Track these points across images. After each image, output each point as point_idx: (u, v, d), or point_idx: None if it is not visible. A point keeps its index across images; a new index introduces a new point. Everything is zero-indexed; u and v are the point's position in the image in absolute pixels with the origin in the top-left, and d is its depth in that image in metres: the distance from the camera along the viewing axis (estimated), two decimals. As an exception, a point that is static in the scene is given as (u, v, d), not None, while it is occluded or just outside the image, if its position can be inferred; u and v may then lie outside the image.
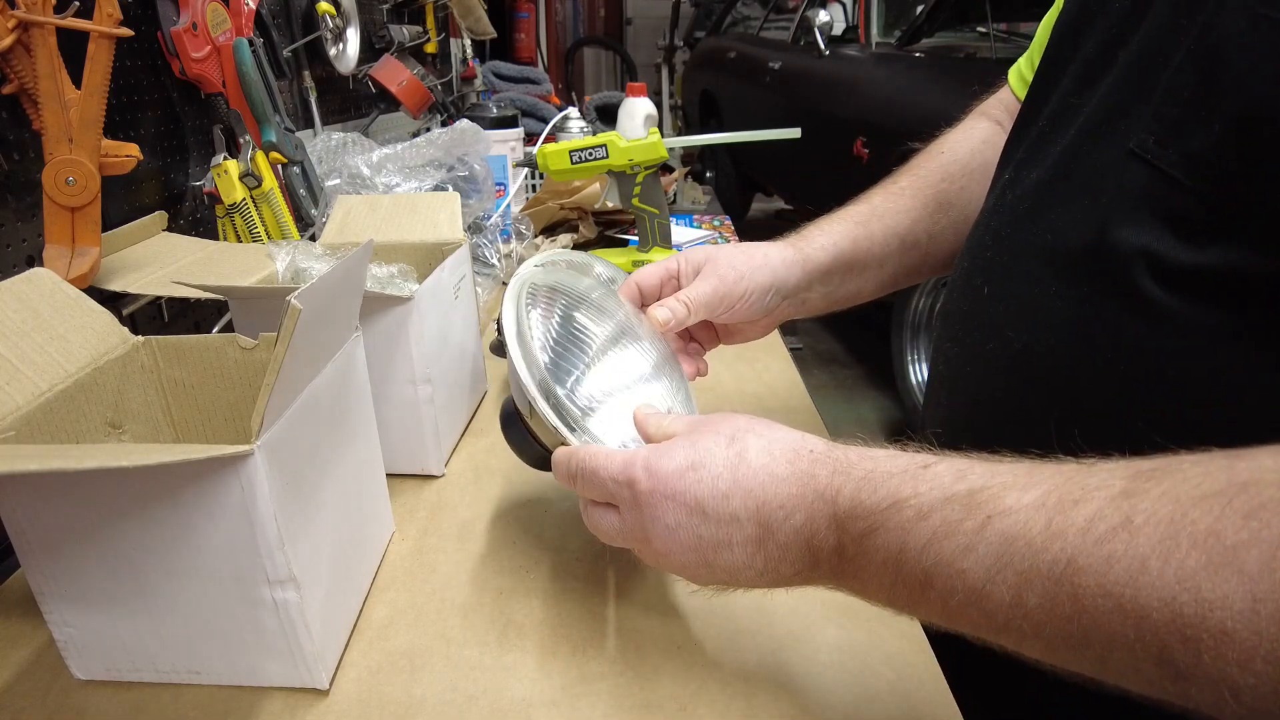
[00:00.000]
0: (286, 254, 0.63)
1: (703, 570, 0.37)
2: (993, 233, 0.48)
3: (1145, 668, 0.26)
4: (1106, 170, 0.39)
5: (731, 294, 0.54)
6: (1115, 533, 0.26)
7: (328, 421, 0.43)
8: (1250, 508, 0.25)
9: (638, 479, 0.37)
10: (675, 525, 0.37)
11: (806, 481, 0.35)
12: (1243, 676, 0.24)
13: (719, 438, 0.38)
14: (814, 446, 0.36)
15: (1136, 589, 0.25)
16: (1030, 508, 0.29)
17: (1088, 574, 0.26)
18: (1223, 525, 0.25)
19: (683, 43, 5.42)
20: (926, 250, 0.59)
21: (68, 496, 0.36)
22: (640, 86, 1.04)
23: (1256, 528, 0.24)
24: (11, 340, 0.40)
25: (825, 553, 0.34)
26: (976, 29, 2.34)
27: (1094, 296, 0.39)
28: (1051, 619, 0.27)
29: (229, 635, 0.40)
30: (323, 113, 1.19)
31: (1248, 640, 0.23)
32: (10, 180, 0.63)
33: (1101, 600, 0.26)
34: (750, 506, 0.35)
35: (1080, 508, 0.27)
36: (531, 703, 0.41)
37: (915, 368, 2.15)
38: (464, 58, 1.86)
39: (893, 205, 0.59)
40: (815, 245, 0.57)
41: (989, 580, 0.29)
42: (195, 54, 0.81)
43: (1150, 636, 0.25)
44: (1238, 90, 0.33)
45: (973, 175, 0.59)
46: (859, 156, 2.23)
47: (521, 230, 1.06)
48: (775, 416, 0.69)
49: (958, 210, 0.59)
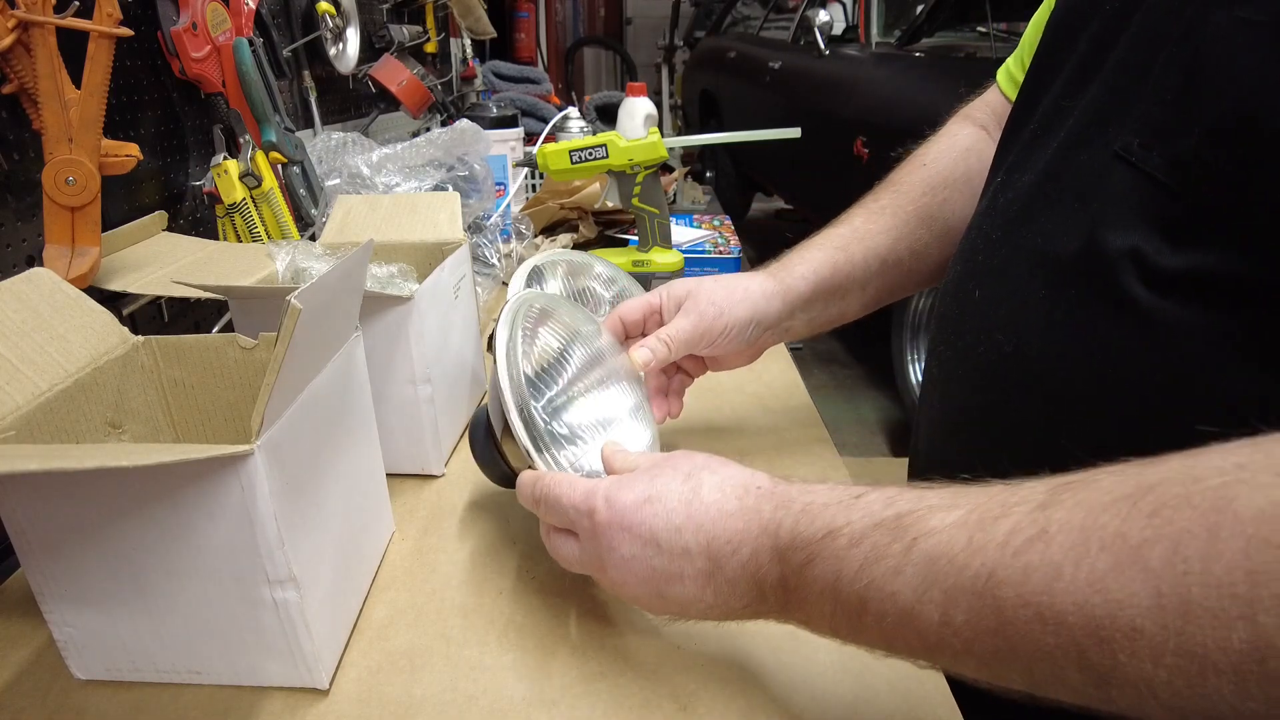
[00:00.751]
0: (286, 254, 0.63)
1: (656, 601, 0.38)
2: (984, 236, 0.48)
3: (1070, 675, 0.26)
4: (1094, 173, 0.39)
5: (712, 330, 0.55)
6: (1032, 544, 0.27)
7: (328, 421, 0.43)
8: (1154, 506, 0.25)
9: (597, 509, 0.39)
10: (630, 556, 0.38)
11: (752, 517, 0.36)
12: (1156, 672, 0.24)
13: (676, 474, 0.39)
14: (760, 483, 0.38)
15: (1052, 595, 0.26)
16: (953, 526, 0.29)
17: (1007, 586, 0.27)
18: (1129, 526, 0.25)
19: (683, 43, 5.42)
20: (910, 267, 0.60)
21: (68, 496, 0.36)
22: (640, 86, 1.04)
23: (1159, 524, 0.25)
24: (11, 340, 0.40)
25: (770, 585, 0.35)
26: (976, 29, 2.34)
27: (1083, 300, 0.39)
28: (978, 634, 0.28)
29: (229, 635, 0.40)
30: (323, 113, 1.19)
31: (1156, 635, 0.24)
32: (10, 180, 0.63)
33: (1022, 610, 0.27)
34: (701, 541, 0.36)
35: (1000, 523, 0.28)
36: (531, 703, 0.41)
37: (915, 368, 2.15)
38: (464, 57, 1.86)
39: (873, 225, 0.59)
40: (795, 275, 0.57)
41: (918, 600, 0.29)
42: (195, 54, 0.81)
43: (1069, 642, 0.26)
44: (1218, 93, 0.34)
45: (955, 186, 0.59)
46: (859, 156, 2.23)
47: (521, 230, 1.06)
48: (775, 417, 0.70)
49: (940, 223, 0.59)
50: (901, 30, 2.39)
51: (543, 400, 0.50)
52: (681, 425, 0.69)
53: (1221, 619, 0.23)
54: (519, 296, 0.53)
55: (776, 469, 0.61)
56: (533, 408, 0.46)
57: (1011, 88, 0.61)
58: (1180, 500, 0.25)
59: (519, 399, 0.46)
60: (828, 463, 0.63)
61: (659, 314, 0.57)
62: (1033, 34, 0.58)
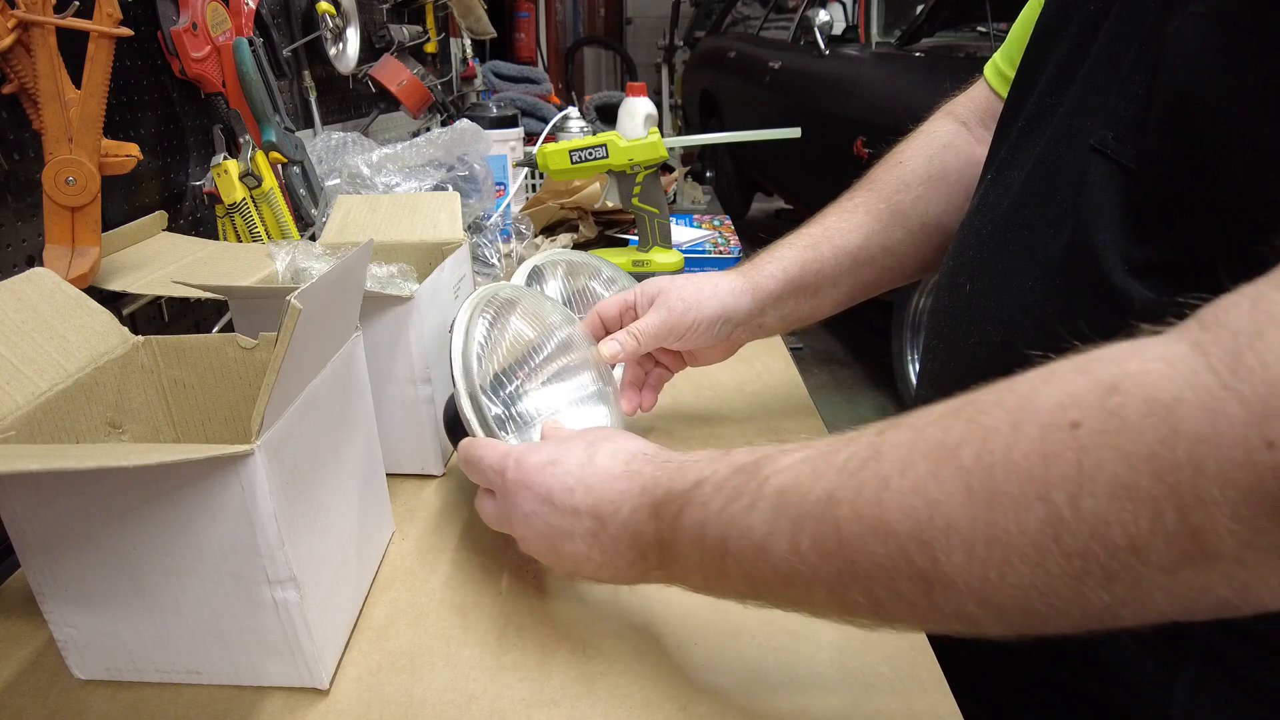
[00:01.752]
0: (286, 254, 0.63)
1: (553, 557, 0.41)
2: (975, 232, 0.49)
3: (903, 586, 0.28)
4: (1075, 168, 0.40)
5: (680, 324, 0.57)
6: (865, 464, 0.29)
7: (328, 421, 0.43)
8: (971, 413, 0.27)
9: (508, 469, 0.42)
10: (529, 513, 0.41)
11: (634, 478, 0.38)
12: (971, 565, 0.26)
13: (581, 442, 0.42)
14: (648, 450, 0.40)
15: (881, 506, 0.28)
16: (801, 461, 0.31)
17: (844, 504, 0.29)
18: (948, 434, 0.27)
19: (683, 43, 5.42)
20: (883, 264, 0.61)
21: (68, 496, 0.36)
22: (640, 86, 1.04)
23: (973, 428, 0.27)
24: (11, 340, 0.40)
25: (648, 542, 0.37)
26: (976, 29, 2.34)
27: (1071, 291, 0.40)
28: (822, 556, 0.30)
29: (229, 635, 0.40)
30: (323, 112, 1.19)
31: (967, 529, 0.26)
32: (10, 180, 0.63)
33: (856, 525, 0.28)
34: (589, 501, 0.39)
35: (841, 451, 0.30)
36: (531, 703, 0.41)
37: (915, 367, 2.15)
38: (464, 57, 1.86)
39: (844, 224, 0.60)
40: (765, 273, 0.59)
41: (770, 533, 0.31)
42: (195, 54, 0.81)
43: (897, 551, 0.27)
44: (1170, 80, 0.35)
45: (930, 183, 0.60)
46: (859, 156, 2.23)
47: (521, 230, 1.06)
48: (775, 417, 0.70)
49: (914, 220, 0.60)
50: (901, 30, 2.39)
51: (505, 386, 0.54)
52: (681, 425, 0.69)
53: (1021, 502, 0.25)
54: (485, 288, 0.55)
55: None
56: (481, 395, 0.49)
57: (1000, 83, 0.61)
58: (992, 404, 0.27)
59: (469, 386, 0.49)
60: (828, 463, 0.63)
61: (633, 310, 0.60)
62: (1020, 32, 0.59)
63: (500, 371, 0.54)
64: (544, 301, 0.60)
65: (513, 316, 0.56)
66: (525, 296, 0.58)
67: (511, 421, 0.53)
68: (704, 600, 0.48)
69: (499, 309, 0.55)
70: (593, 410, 0.59)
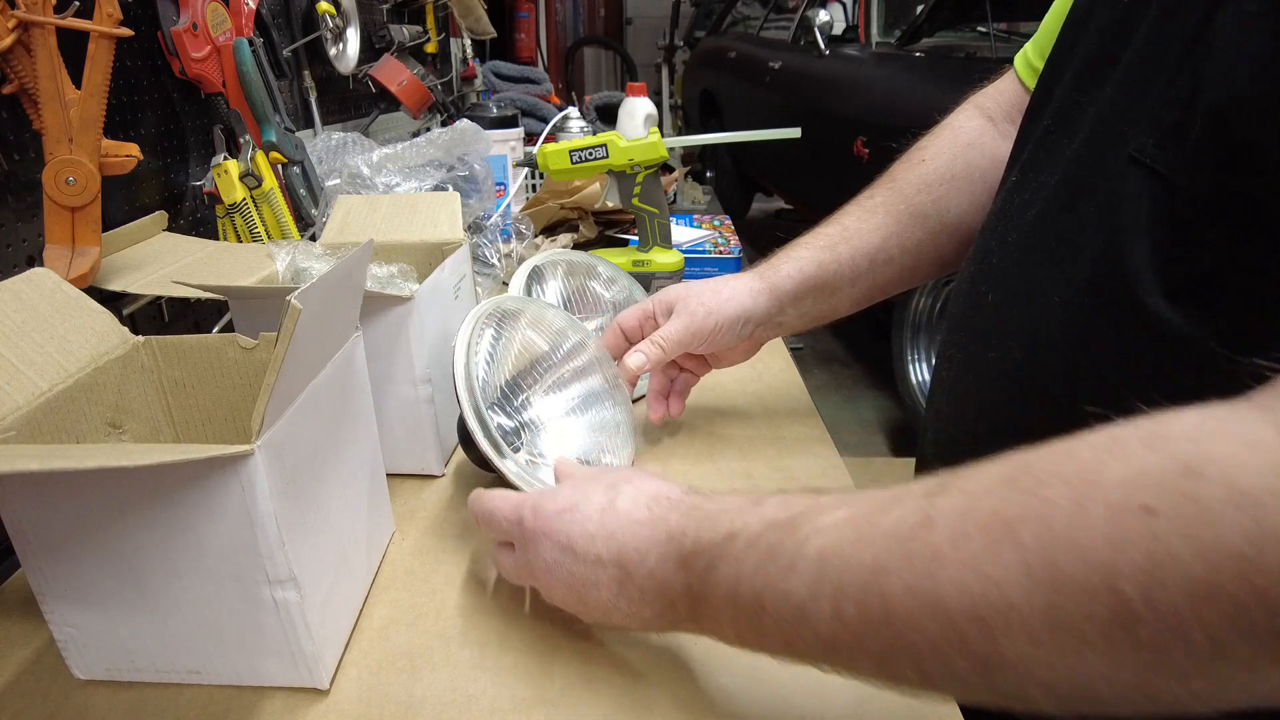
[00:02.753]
0: (286, 254, 0.63)
1: (580, 607, 0.40)
2: (998, 238, 0.47)
3: (957, 664, 0.26)
4: (1110, 176, 0.38)
5: (702, 329, 0.58)
6: (915, 532, 0.27)
7: (328, 421, 0.43)
8: (1029, 484, 0.25)
9: (525, 517, 0.41)
10: (552, 562, 0.39)
11: (659, 524, 0.37)
12: (1034, 651, 0.24)
13: (599, 484, 0.40)
14: (671, 493, 0.39)
15: (935, 581, 0.26)
16: (843, 523, 0.29)
17: (893, 574, 0.27)
18: (1005, 505, 0.25)
19: (683, 43, 5.42)
20: (902, 264, 0.60)
21: (68, 496, 0.36)
22: (640, 86, 1.04)
23: (1032, 502, 0.25)
24: (11, 340, 0.40)
25: (677, 593, 0.35)
26: (976, 29, 2.34)
27: (1100, 310, 0.38)
28: (868, 626, 0.28)
29: (229, 635, 0.40)
30: (323, 113, 1.19)
31: (1029, 612, 0.24)
32: (10, 180, 0.63)
33: (907, 599, 0.26)
34: (612, 550, 0.37)
35: (888, 514, 0.28)
36: (532, 703, 0.41)
37: (915, 368, 2.15)
38: (464, 57, 1.86)
39: (863, 224, 0.60)
40: (781, 274, 0.59)
41: (812, 597, 0.29)
42: (195, 54, 0.81)
43: (951, 629, 0.26)
44: (1216, 83, 0.33)
45: (953, 182, 0.59)
46: (859, 156, 2.23)
47: (521, 230, 1.06)
48: (775, 417, 0.70)
49: (934, 220, 0.59)
50: (901, 30, 2.39)
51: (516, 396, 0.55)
52: (682, 425, 0.69)
53: (1087, 589, 0.23)
54: (489, 300, 0.57)
55: (776, 469, 0.61)
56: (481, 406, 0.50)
57: (1030, 75, 0.59)
58: (1053, 475, 0.25)
59: (472, 400, 0.50)
60: (828, 462, 0.63)
61: (653, 319, 0.61)
62: (1052, 22, 0.57)
63: (510, 380, 0.55)
64: (546, 308, 0.61)
65: (519, 325, 0.57)
66: (528, 306, 0.59)
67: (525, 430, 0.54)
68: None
69: (501, 320, 0.56)
70: (603, 412, 0.59)
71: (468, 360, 0.52)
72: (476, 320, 0.55)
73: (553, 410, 0.58)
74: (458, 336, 0.53)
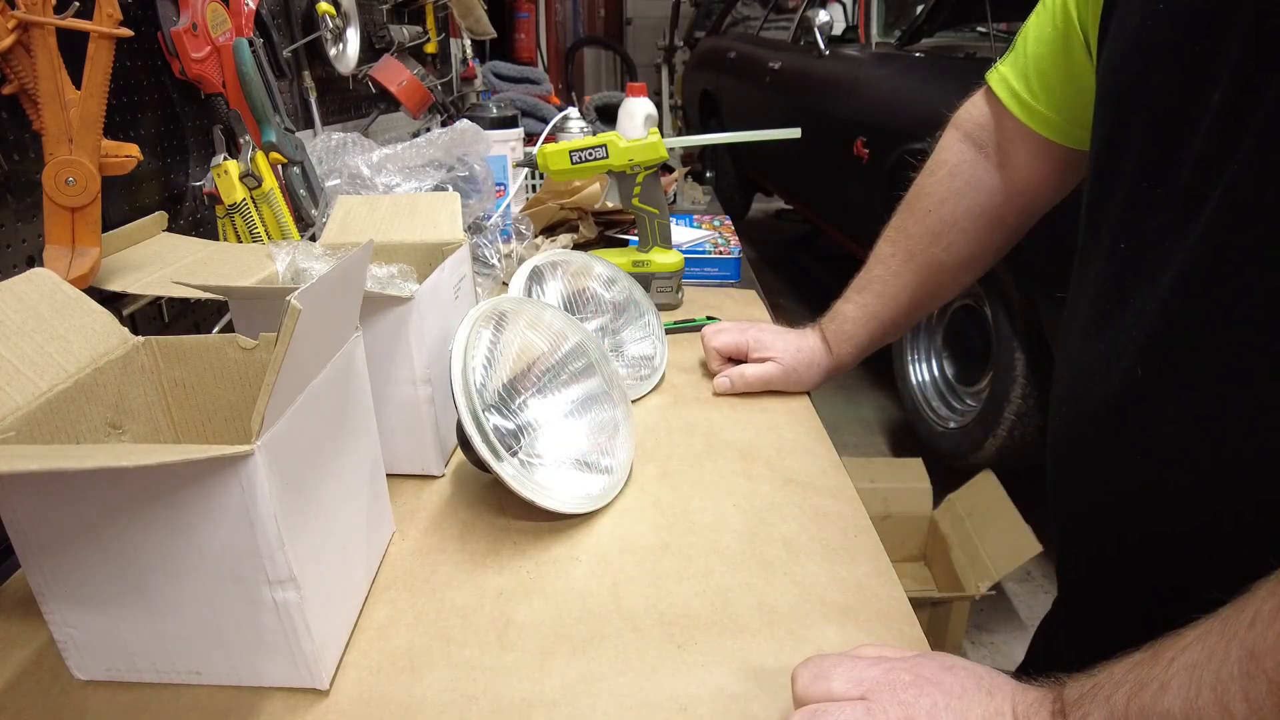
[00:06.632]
0: (286, 254, 0.63)
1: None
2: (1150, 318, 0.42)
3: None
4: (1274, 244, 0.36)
5: (782, 383, 0.75)
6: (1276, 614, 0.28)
7: (328, 421, 0.43)
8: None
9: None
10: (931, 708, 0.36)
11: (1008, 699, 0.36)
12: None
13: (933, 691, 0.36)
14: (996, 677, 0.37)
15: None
16: (1202, 634, 0.31)
17: (1269, 656, 0.28)
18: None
19: (683, 43, 5.42)
20: (929, 306, 0.73)
21: (68, 496, 0.36)
22: (640, 86, 1.04)
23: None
24: (11, 340, 0.40)
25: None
26: (976, 29, 2.34)
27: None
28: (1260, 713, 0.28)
29: (229, 635, 0.40)
30: (323, 113, 1.19)
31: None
32: (10, 180, 0.63)
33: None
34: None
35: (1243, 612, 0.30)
36: (531, 703, 0.41)
37: (915, 368, 2.15)
38: (464, 58, 1.86)
39: (890, 288, 0.71)
40: (844, 351, 0.75)
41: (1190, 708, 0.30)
42: (195, 54, 0.81)
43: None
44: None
45: (956, 226, 0.67)
46: (859, 156, 2.23)
47: (521, 230, 1.06)
48: (776, 416, 0.70)
49: (950, 265, 0.68)
50: (901, 30, 2.39)
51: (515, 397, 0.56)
52: (683, 425, 0.69)
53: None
54: (488, 301, 0.59)
55: (776, 469, 0.62)
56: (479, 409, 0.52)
57: (1010, 99, 0.61)
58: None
59: (469, 404, 0.51)
60: (828, 462, 0.63)
61: (745, 353, 0.76)
62: (1035, 48, 0.57)
63: (509, 381, 0.56)
64: (546, 309, 0.62)
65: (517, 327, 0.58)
66: (528, 306, 0.60)
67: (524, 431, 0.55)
68: (704, 600, 0.48)
69: (499, 321, 0.57)
70: (603, 413, 0.60)
71: (465, 363, 0.52)
72: (474, 322, 0.55)
73: (552, 411, 0.58)
74: (455, 339, 0.53)
